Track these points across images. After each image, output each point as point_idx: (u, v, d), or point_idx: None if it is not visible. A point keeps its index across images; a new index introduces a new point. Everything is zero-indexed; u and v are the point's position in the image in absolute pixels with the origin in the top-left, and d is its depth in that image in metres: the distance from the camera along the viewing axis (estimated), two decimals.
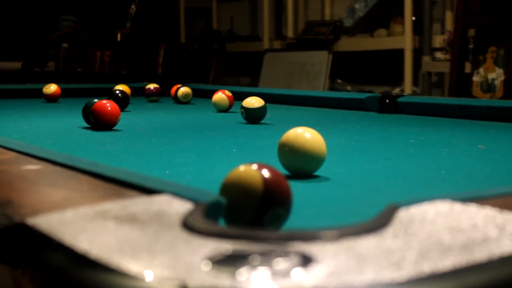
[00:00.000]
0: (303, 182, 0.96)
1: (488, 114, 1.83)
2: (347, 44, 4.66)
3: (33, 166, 0.82)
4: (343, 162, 1.17)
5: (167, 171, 1.06)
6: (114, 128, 1.65)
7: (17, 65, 5.05)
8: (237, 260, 0.41)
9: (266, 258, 0.41)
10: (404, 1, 4.19)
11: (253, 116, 1.80)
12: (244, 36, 5.68)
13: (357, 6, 4.69)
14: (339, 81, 4.86)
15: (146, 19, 5.69)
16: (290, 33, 5.15)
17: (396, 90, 4.29)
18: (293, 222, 0.68)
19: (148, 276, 0.41)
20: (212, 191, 0.67)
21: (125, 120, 1.75)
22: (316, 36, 4.76)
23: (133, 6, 5.10)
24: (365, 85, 4.75)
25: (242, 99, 1.86)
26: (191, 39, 5.87)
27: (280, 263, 0.40)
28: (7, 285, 0.54)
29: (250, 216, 0.64)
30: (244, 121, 1.82)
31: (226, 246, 0.43)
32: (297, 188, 0.70)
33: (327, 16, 5.04)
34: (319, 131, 1.03)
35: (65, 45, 4.98)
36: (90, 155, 1.17)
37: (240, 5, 5.92)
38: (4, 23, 5.80)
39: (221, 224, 0.62)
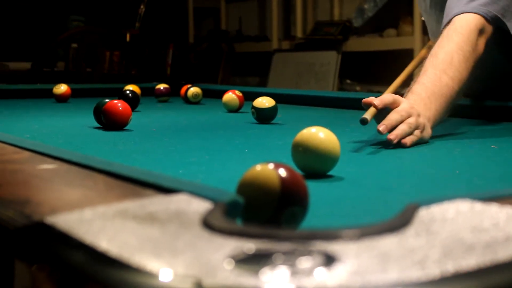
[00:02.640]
0: (316, 181, 0.96)
1: (499, 114, 1.82)
2: (356, 44, 4.65)
3: (48, 165, 0.82)
4: (355, 161, 1.17)
5: (180, 171, 1.06)
6: (125, 128, 1.66)
7: (26, 65, 5.06)
8: (260, 259, 0.41)
9: (289, 257, 0.41)
10: (414, 1, 4.18)
11: (264, 116, 1.80)
12: (252, 36, 5.67)
13: (366, 6, 4.69)
14: (348, 81, 4.85)
15: (155, 19, 5.70)
16: (299, 33, 5.14)
17: (405, 91, 4.28)
18: (307, 221, 0.68)
19: (167, 274, 0.41)
20: (226, 190, 0.67)
21: (135, 120, 1.75)
22: (325, 36, 4.76)
23: (142, 7, 5.11)
24: (374, 85, 4.74)
25: (252, 99, 1.86)
26: (200, 39, 5.88)
27: (303, 263, 0.40)
28: (25, 280, 0.54)
29: (267, 215, 0.63)
30: (254, 121, 1.82)
31: (248, 245, 0.43)
32: (310, 187, 0.69)
33: (336, 16, 5.04)
34: (330, 130, 1.03)
35: (74, 45, 4.99)
36: (102, 155, 1.17)
37: (249, 5, 5.92)
38: (13, 23, 5.82)
39: (239, 224, 0.62)
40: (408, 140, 1.25)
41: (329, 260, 0.41)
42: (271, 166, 0.66)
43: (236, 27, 5.86)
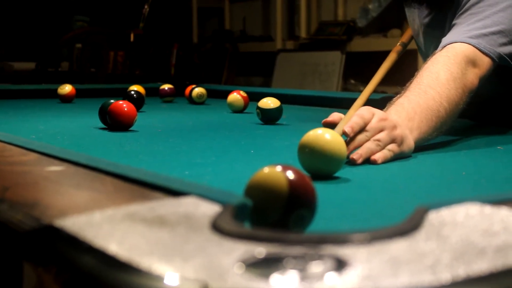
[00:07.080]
0: (323, 183, 0.96)
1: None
2: (360, 44, 4.64)
3: (56, 167, 0.83)
4: (362, 163, 1.17)
5: (186, 172, 1.06)
6: (131, 128, 1.66)
7: (31, 65, 5.07)
8: (271, 263, 0.41)
9: (300, 261, 0.41)
10: None
11: (269, 117, 1.80)
12: (256, 36, 5.67)
13: (370, 6, 4.68)
14: (352, 81, 4.85)
15: (159, 19, 5.70)
16: (303, 33, 5.14)
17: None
18: (315, 223, 0.68)
19: (175, 278, 0.40)
20: (233, 192, 0.67)
21: (140, 120, 1.75)
22: (329, 36, 4.75)
23: (146, 7, 5.11)
24: (378, 85, 4.73)
25: (256, 100, 1.86)
26: (204, 39, 5.88)
27: (314, 267, 0.40)
28: (33, 282, 0.54)
29: (275, 218, 0.63)
30: (259, 121, 1.82)
31: (259, 249, 0.43)
32: (317, 189, 0.69)
33: (340, 16, 5.03)
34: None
35: (78, 45, 5.00)
36: (109, 156, 1.17)
37: (253, 5, 5.91)
38: (17, 24, 5.82)
39: (247, 226, 0.62)
40: (378, 157, 1.12)
41: (339, 264, 0.41)
42: (279, 168, 0.66)
43: (240, 27, 5.86)
